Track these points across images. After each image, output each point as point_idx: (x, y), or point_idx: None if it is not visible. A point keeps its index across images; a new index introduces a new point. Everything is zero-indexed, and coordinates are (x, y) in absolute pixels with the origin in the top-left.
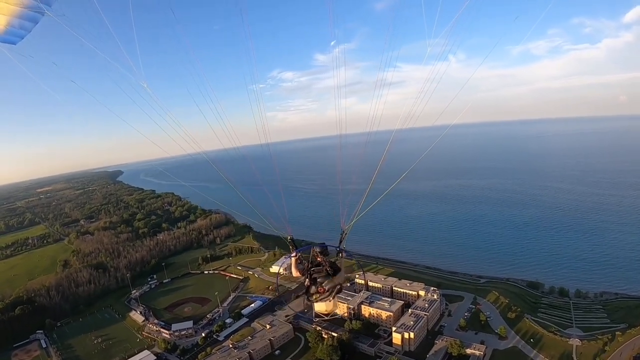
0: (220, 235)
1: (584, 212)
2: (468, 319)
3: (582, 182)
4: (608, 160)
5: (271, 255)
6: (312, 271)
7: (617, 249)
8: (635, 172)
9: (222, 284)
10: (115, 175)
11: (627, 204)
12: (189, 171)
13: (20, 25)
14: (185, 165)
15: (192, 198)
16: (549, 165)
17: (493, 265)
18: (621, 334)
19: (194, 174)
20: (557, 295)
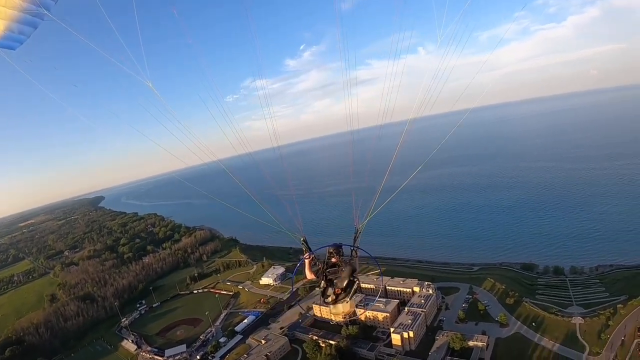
0: (206, 252)
1: (568, 188)
2: (466, 310)
3: (562, 159)
4: (583, 135)
5: (259, 266)
6: (327, 272)
7: (605, 220)
8: (610, 144)
9: (212, 302)
10: (97, 201)
11: (607, 175)
12: (171, 189)
13: (20, 30)
14: (168, 184)
15: (175, 216)
16: (527, 146)
17: (485, 251)
18: (623, 307)
19: (177, 192)
20: (552, 275)
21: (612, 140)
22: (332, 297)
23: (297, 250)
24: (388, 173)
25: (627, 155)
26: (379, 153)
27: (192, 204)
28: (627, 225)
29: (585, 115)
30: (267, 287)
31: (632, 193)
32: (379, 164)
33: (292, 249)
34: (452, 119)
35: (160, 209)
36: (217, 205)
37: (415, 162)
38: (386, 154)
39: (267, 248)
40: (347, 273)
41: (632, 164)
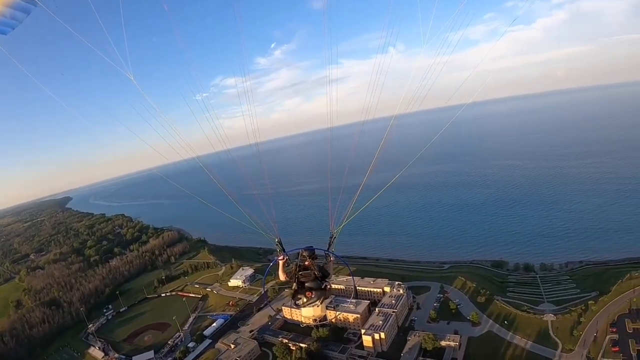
0: (174, 254)
1: (537, 186)
2: (438, 309)
3: (531, 157)
4: (551, 134)
5: (228, 268)
6: (299, 275)
7: (573, 218)
8: (577, 143)
9: (180, 306)
10: (64, 202)
11: (575, 173)
12: (140, 189)
13: (12, 15)
14: (137, 183)
15: (144, 217)
16: (497, 144)
17: (455, 249)
18: (594, 303)
19: (146, 192)
20: (523, 272)
21: (580, 139)
22: (302, 300)
23: (267, 251)
24: (367, 176)
25: (594, 154)
26: (348, 152)
27: (161, 204)
28: (595, 222)
29: (552, 115)
30: (236, 289)
31: (599, 191)
32: (351, 164)
33: (261, 250)
34: (425, 117)
35: (128, 210)
36: (186, 205)
37: (388, 161)
38: (361, 153)
39: (236, 249)
40: (319, 277)
41: (599, 162)
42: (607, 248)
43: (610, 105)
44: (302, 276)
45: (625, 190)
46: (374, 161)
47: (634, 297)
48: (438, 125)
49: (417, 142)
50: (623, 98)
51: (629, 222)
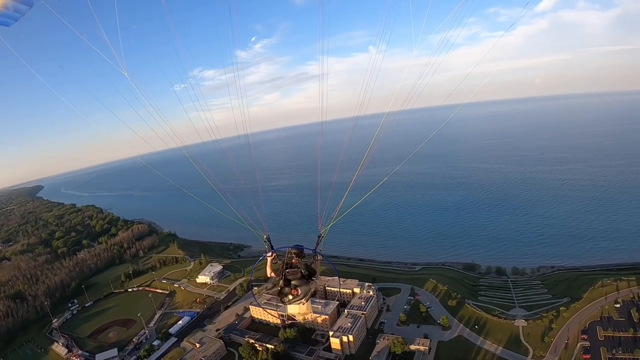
0: (143, 247)
1: (511, 190)
2: (408, 312)
3: (506, 161)
4: (528, 139)
5: (197, 264)
6: (286, 272)
7: (547, 222)
8: (553, 148)
9: (147, 302)
10: (35, 190)
11: (549, 179)
12: (113, 179)
13: (15, 7)
14: (111, 173)
15: (115, 209)
16: (473, 147)
17: (427, 251)
18: (565, 309)
19: (120, 182)
20: (494, 275)
21: (555, 145)
22: (289, 297)
23: (237, 246)
24: (355, 176)
25: (570, 160)
26: (329, 149)
27: (133, 195)
28: (568, 228)
29: (529, 121)
30: (204, 286)
31: (573, 197)
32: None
33: (231, 245)
34: (402, 117)
35: (100, 201)
36: (159, 198)
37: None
38: (334, 151)
39: (206, 244)
40: (305, 275)
41: (573, 169)
42: (579, 254)
43: (586, 114)
44: (289, 274)
45: (599, 197)
46: (363, 161)
47: (605, 304)
48: (417, 126)
49: (400, 142)
50: (599, 108)
51: (601, 229)
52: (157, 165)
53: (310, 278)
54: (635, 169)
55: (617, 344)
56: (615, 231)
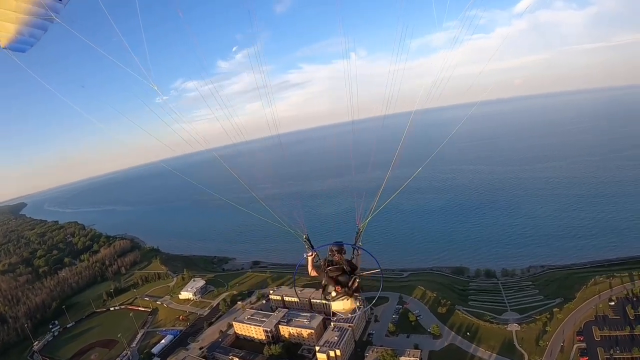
0: (125, 264)
1: (497, 191)
2: (397, 321)
3: (490, 162)
4: (512, 138)
5: (180, 279)
6: (328, 270)
7: (535, 221)
8: (535, 147)
9: (129, 321)
10: (18, 208)
11: (534, 178)
12: (96, 195)
13: (30, 33)
14: (92, 189)
15: (98, 224)
16: (456, 149)
17: (414, 256)
18: (559, 311)
19: (102, 197)
20: (484, 278)
21: (537, 144)
22: (333, 294)
23: (221, 259)
24: (388, 173)
25: (553, 158)
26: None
27: (116, 210)
28: (556, 227)
29: (512, 121)
30: (186, 302)
31: (559, 195)
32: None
33: (215, 258)
34: (384, 122)
35: (83, 217)
36: (142, 212)
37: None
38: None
39: (190, 258)
40: (347, 271)
41: (558, 166)
42: (568, 252)
43: (567, 112)
44: (331, 271)
45: (584, 194)
46: (395, 157)
47: (599, 302)
48: (399, 130)
49: (380, 147)
50: (579, 105)
51: (589, 226)
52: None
53: (352, 273)
54: (619, 163)
55: (614, 344)
56: (604, 227)
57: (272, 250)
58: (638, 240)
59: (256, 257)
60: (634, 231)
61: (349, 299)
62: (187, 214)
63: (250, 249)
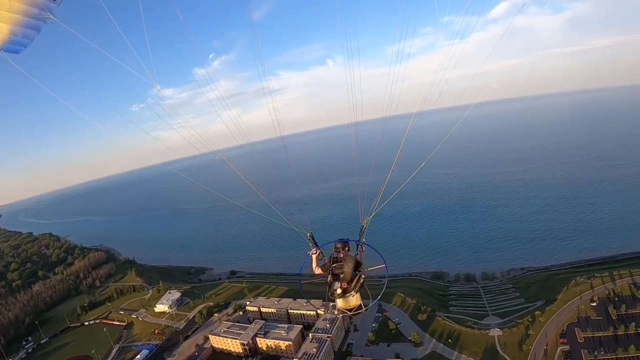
0: (99, 277)
1: (476, 193)
2: (376, 330)
3: (468, 165)
4: (489, 142)
5: (155, 291)
6: (333, 267)
7: (513, 223)
8: (513, 149)
9: (104, 336)
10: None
11: (513, 179)
12: (72, 205)
13: (24, 34)
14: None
15: (74, 235)
16: (435, 153)
17: (393, 261)
18: (541, 313)
19: (78, 207)
20: (464, 282)
21: (515, 147)
22: (338, 291)
23: (198, 270)
24: (391, 172)
25: (530, 160)
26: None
27: (92, 220)
28: (535, 228)
29: (489, 125)
30: (162, 315)
31: (536, 197)
32: None
33: (192, 269)
34: (359, 128)
35: (58, 228)
36: (118, 222)
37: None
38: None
39: (166, 269)
40: (352, 267)
41: (534, 168)
42: (548, 253)
43: (543, 115)
44: (335, 268)
45: (562, 195)
46: (396, 159)
47: (581, 304)
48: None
49: (344, 154)
50: (554, 108)
51: (568, 227)
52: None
53: (357, 270)
54: (595, 164)
55: (598, 345)
56: (582, 227)
57: (250, 260)
58: (616, 240)
59: (233, 266)
60: (612, 231)
61: (354, 295)
62: (165, 223)
63: (227, 258)
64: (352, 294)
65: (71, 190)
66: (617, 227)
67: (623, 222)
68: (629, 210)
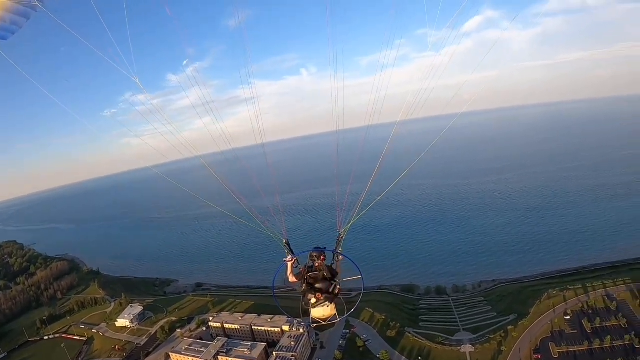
0: (61, 288)
1: (447, 204)
2: (344, 348)
3: (441, 175)
4: (460, 153)
5: (117, 304)
6: (308, 276)
7: (484, 234)
8: (485, 160)
9: (63, 351)
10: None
11: (485, 190)
12: (41, 211)
13: (12, 20)
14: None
15: (39, 244)
16: (407, 163)
17: (363, 273)
18: (514, 328)
19: (47, 214)
20: (435, 295)
21: (487, 157)
22: (313, 301)
23: (164, 282)
24: (371, 181)
25: (501, 171)
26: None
27: (59, 228)
28: (506, 239)
29: (461, 135)
30: (123, 330)
31: (509, 208)
32: None
33: (158, 281)
34: (330, 138)
35: (24, 235)
36: (86, 230)
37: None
38: None
39: (130, 280)
40: (328, 277)
41: (506, 179)
42: (520, 265)
43: (514, 126)
44: (310, 277)
45: (533, 206)
46: (377, 168)
47: (555, 317)
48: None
49: (316, 164)
50: (525, 120)
51: (539, 238)
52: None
53: (333, 280)
54: (565, 174)
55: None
56: (554, 239)
57: (217, 271)
58: (589, 251)
59: (200, 278)
60: (584, 242)
61: (329, 305)
62: (133, 232)
63: (194, 269)
64: (326, 304)
65: (42, 196)
66: (589, 238)
67: (594, 233)
68: (600, 221)
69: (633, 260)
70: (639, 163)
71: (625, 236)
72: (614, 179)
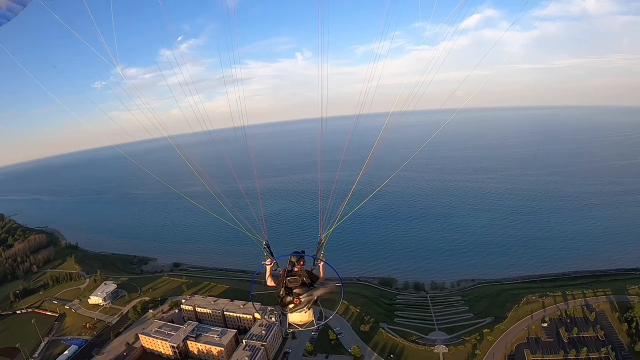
0: (38, 262)
1: (431, 198)
2: (315, 339)
3: (426, 169)
4: (450, 148)
5: (92, 281)
6: (287, 281)
7: (466, 232)
8: (472, 157)
9: (34, 327)
10: None
11: (470, 187)
12: (26, 181)
13: (8, 7)
14: (23, 175)
15: (21, 215)
16: (398, 154)
17: (341, 263)
18: (489, 332)
19: (32, 184)
20: (412, 291)
21: (474, 155)
22: (291, 305)
23: (141, 259)
24: (356, 182)
25: (489, 170)
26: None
27: (41, 200)
28: (489, 241)
29: (449, 131)
30: (96, 308)
31: (493, 207)
32: None
33: (135, 258)
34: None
35: (7, 205)
36: (68, 203)
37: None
38: None
39: (108, 256)
40: (306, 282)
41: (493, 178)
42: (500, 266)
43: (503, 126)
44: (289, 282)
45: (518, 207)
46: (364, 166)
47: (532, 323)
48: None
49: (299, 151)
50: (515, 121)
51: (522, 240)
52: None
53: (312, 285)
54: (551, 178)
55: None
56: (535, 242)
57: (196, 251)
58: (570, 258)
59: (178, 258)
60: (567, 249)
61: (306, 311)
62: (115, 207)
63: (173, 249)
64: (304, 310)
65: (26, 166)
66: (572, 245)
67: (578, 241)
68: (584, 227)
69: (614, 271)
70: (623, 173)
71: (608, 246)
72: (601, 188)
